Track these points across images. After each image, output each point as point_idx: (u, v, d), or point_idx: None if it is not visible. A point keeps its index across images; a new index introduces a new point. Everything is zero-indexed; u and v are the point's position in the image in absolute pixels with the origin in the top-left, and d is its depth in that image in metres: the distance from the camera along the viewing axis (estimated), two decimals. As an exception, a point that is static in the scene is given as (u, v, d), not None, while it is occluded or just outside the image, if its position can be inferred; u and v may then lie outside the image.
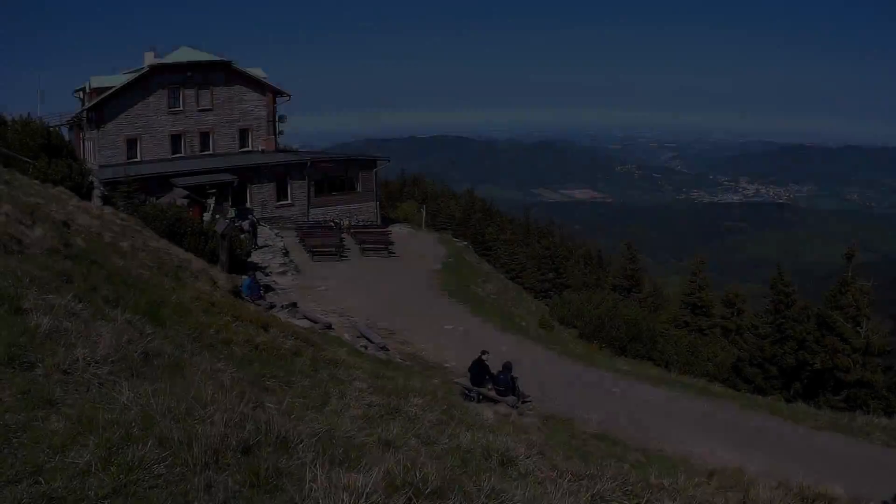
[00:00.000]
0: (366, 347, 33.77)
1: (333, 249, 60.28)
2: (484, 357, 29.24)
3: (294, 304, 40.56)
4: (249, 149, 76.64)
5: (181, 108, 72.70)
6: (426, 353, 36.38)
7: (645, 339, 56.05)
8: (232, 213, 62.40)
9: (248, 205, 70.74)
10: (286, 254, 57.38)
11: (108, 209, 35.81)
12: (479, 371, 28.90)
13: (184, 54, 74.65)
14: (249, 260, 49.15)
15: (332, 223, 73.87)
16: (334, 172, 78.05)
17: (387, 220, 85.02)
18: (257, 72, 77.31)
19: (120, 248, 22.53)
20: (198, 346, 12.84)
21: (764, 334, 52.91)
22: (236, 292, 32.58)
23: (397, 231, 74.88)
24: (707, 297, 69.80)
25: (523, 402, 28.38)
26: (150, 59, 73.04)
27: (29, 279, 10.35)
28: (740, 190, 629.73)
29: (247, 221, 59.77)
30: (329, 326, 36.39)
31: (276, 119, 77.77)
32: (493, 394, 28.03)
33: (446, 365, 34.30)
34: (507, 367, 28.66)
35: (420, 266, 59.58)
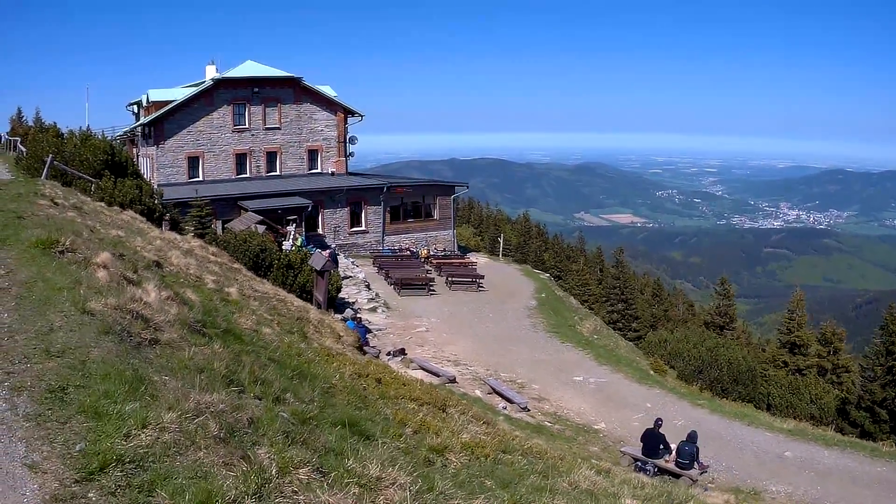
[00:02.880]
0: (505, 408, 30.23)
1: (422, 283, 55.93)
2: (659, 426, 26.58)
3: (403, 351, 36.39)
4: (319, 171, 71.87)
5: (247, 126, 67.98)
6: (569, 412, 32.76)
7: (746, 380, 52.01)
8: (300, 240, 57.30)
9: (319, 231, 66.45)
10: (369, 287, 53.11)
11: (195, 241, 30.64)
12: (654, 442, 26.30)
13: (249, 69, 69.62)
14: (339, 296, 44.24)
15: (409, 251, 69.82)
16: (410, 198, 72.81)
17: (463, 249, 79.80)
18: (327, 90, 72.24)
19: (228, 297, 19.52)
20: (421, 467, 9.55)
21: (873, 376, 50.36)
22: (360, 346, 28.06)
23: (475, 260, 71.16)
24: (805, 335, 64.79)
25: (702, 472, 26.09)
26: (211, 72, 68.67)
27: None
28: (781, 215, 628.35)
29: (328, 251, 54.54)
30: (452, 380, 32.78)
31: (347, 140, 72.48)
32: (671, 466, 25.71)
33: (596, 427, 31.32)
34: (692, 438, 25.98)
35: (514, 302, 55.44)
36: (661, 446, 26.26)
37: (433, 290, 55.72)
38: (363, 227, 70.00)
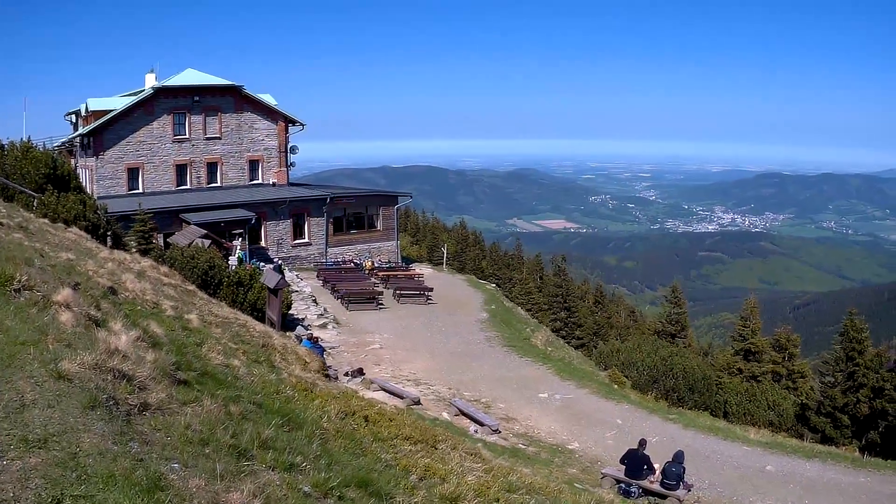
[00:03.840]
0: (476, 431, 28.95)
1: (371, 297, 54.67)
2: (643, 447, 25.65)
3: (361, 371, 34.82)
4: (260, 182, 69.99)
5: (187, 136, 65.96)
6: (540, 432, 31.58)
7: (701, 388, 52.03)
8: (240, 254, 55.68)
9: (262, 243, 64.89)
10: (316, 301, 51.72)
11: (146, 262, 29.13)
12: (637, 463, 25.41)
13: (189, 77, 67.56)
14: (288, 312, 42.81)
15: (353, 263, 68.47)
16: (353, 209, 71.41)
17: (406, 260, 78.75)
18: (268, 98, 70.41)
19: (189, 324, 18.37)
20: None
21: (833, 382, 51.54)
22: (325, 370, 27.18)
23: (420, 271, 69.99)
24: (760, 342, 63.84)
25: (687, 492, 25.50)
26: (151, 81, 66.59)
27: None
28: (716, 219, 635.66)
29: (272, 265, 53.26)
30: (417, 401, 31.35)
31: (288, 150, 70.83)
32: (657, 487, 25.02)
33: (570, 447, 30.18)
34: (679, 458, 25.25)
35: (465, 315, 54.38)
36: (646, 467, 25.44)
37: (382, 304, 54.31)
38: (306, 240, 68.49)
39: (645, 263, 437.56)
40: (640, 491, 25.19)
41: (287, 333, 32.88)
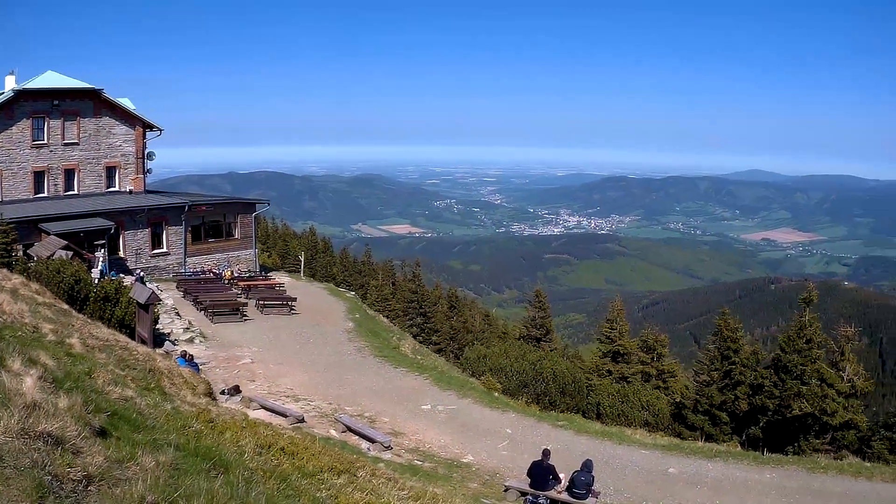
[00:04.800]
0: (369, 449, 28.02)
1: (235, 309, 53.09)
2: (547, 457, 25.13)
3: (237, 389, 33.05)
4: (117, 189, 66.59)
5: (45, 142, 62.37)
6: (431, 446, 30.79)
7: (573, 391, 51.83)
8: (101, 266, 53.03)
9: (121, 254, 61.96)
10: (179, 314, 49.53)
11: (16, 278, 27.35)
12: (542, 474, 24.85)
13: (49, 80, 63.96)
14: (155, 327, 40.43)
15: (212, 273, 66.45)
16: (211, 217, 69.08)
17: (265, 268, 76.88)
18: (126, 102, 67.49)
19: (72, 349, 17.17)
20: None
21: (709, 381, 51.82)
22: (210, 392, 25.67)
23: (280, 280, 68.59)
24: (628, 343, 64.30)
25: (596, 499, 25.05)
26: (11, 83, 63.30)
27: None
28: (561, 222, 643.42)
29: (134, 277, 51.23)
30: (301, 419, 30.15)
31: (145, 156, 68.34)
32: (565, 496, 24.56)
33: (465, 460, 29.49)
34: (588, 467, 24.81)
35: (331, 325, 53.08)
36: (551, 477, 24.85)
37: (246, 316, 52.68)
38: (165, 249, 65.82)
39: (491, 267, 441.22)
40: (549, 502, 24.71)
41: (157, 350, 31.12)
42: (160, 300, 44.49)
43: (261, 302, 55.82)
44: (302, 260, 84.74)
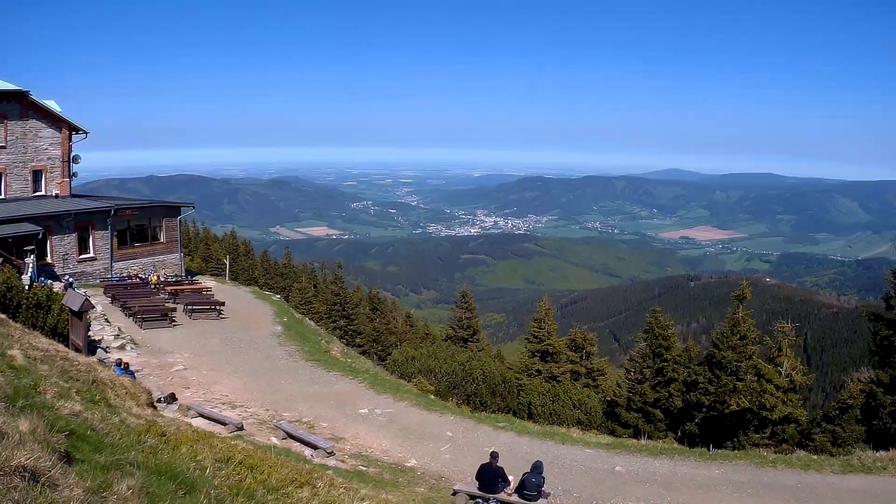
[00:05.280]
0: (312, 455, 27.31)
1: (164, 314, 52.01)
2: (496, 460, 24.90)
3: (174, 397, 32.10)
4: (43, 193, 65.02)
5: (-30, 145, 60.57)
6: (373, 451, 30.36)
7: (503, 391, 52.40)
8: (30, 271, 52.01)
9: (49, 259, 60.49)
10: (108, 320, 48.34)
11: None
12: (492, 477, 24.69)
13: (-25, 80, 62.90)
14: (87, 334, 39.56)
15: (138, 278, 65.26)
16: (136, 221, 67.72)
17: (190, 273, 75.96)
18: (52, 104, 66.09)
19: (14, 362, 16.94)
20: None
21: (642, 378, 52.48)
22: (152, 402, 25.08)
23: (207, 284, 67.65)
24: (556, 342, 64.79)
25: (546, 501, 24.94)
26: (-67, 84, 61.95)
27: None
28: (478, 222, 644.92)
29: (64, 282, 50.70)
30: (240, 427, 29.39)
31: (71, 159, 67.13)
32: (516, 499, 24.42)
33: (409, 465, 29.12)
34: (538, 468, 24.69)
35: (260, 329, 52.43)
36: (501, 480, 24.71)
37: (175, 321, 51.76)
38: (91, 254, 64.15)
39: (408, 268, 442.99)
40: None
41: (91, 359, 30.52)
42: (93, 307, 43.73)
43: (189, 307, 54.95)
44: (227, 264, 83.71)
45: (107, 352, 39.68)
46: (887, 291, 39.25)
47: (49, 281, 50.86)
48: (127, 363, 33.67)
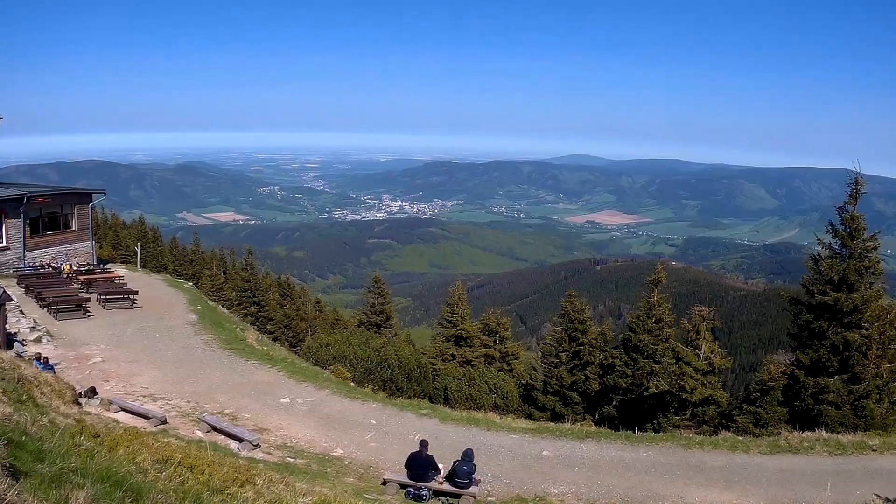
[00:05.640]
0: (238, 448, 27.10)
1: (78, 304, 50.67)
2: (425, 448, 25.15)
3: (94, 391, 31.33)
4: (-49, 180, 63.38)
5: None
6: (298, 441, 30.00)
7: (418, 376, 52.67)
8: None
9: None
10: (23, 312, 47.16)
11: None
12: (422, 465, 24.84)
13: None
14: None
15: (51, 267, 63.89)
16: (48, 208, 66.13)
17: (102, 261, 74.78)
18: (-39, 89, 64.71)
19: None
20: None
21: (558, 362, 52.87)
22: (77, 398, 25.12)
23: (119, 273, 66.44)
24: (470, 327, 64.09)
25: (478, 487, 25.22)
26: None
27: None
28: (384, 207, 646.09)
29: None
30: (164, 420, 29.05)
31: (-18, 146, 65.83)
32: (447, 486, 24.66)
33: (335, 454, 28.90)
34: (469, 456, 24.93)
35: (174, 318, 51.49)
36: (431, 468, 24.87)
37: (89, 311, 50.69)
38: (4, 244, 62.30)
39: (314, 253, 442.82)
40: (431, 493, 24.70)
41: (9, 352, 29.90)
42: (11, 299, 42.87)
43: (103, 297, 53.71)
44: (138, 251, 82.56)
45: (23, 345, 38.71)
46: (807, 277, 39.69)
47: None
48: (46, 357, 33.18)
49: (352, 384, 41.62)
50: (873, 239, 37.61)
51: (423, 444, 25.07)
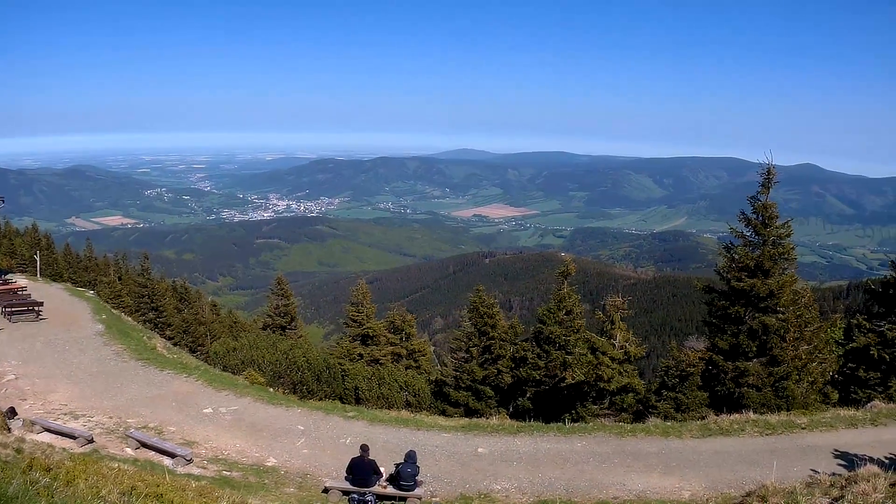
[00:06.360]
0: (172, 464, 26.50)
1: (-19, 320, 48.45)
2: (366, 453, 24.85)
3: (13, 411, 30.21)
4: None
5: None
6: (230, 453, 29.40)
7: (328, 378, 52.52)
8: None
9: None
10: (-78, 330, 45.29)
11: None
12: (365, 470, 24.58)
13: None
14: None
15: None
16: (-65, 216, 64.62)
17: (2, 271, 73.20)
18: None
19: None
20: None
21: (469, 357, 52.61)
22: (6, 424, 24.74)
23: (25, 285, 64.59)
24: (376, 325, 64.68)
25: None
26: None
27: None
28: (271, 206, 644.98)
29: None
30: (91, 440, 28.03)
31: None
32: (392, 490, 24.53)
33: (269, 464, 28.31)
34: (412, 458, 24.79)
35: (81, 329, 50.10)
36: (374, 473, 24.65)
37: (-4, 325, 48.62)
38: None
39: (203, 255, 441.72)
40: (376, 498, 24.32)
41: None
42: None
43: (7, 309, 52.22)
44: (38, 260, 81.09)
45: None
46: (722, 264, 40.30)
47: None
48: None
49: (270, 390, 41.01)
50: (786, 226, 38.61)
51: (364, 448, 24.77)
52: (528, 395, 50.12)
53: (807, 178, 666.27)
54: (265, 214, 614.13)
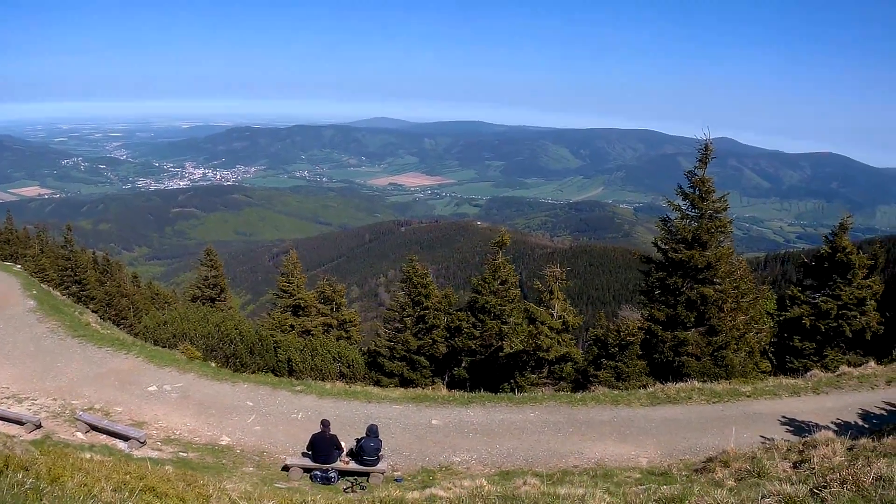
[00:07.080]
0: (126, 448, 26.10)
1: None
2: (327, 428, 24.92)
3: None
4: None
5: None
6: (181, 433, 28.80)
7: (261, 350, 51.72)
8: None
9: None
10: None
11: None
12: (327, 446, 24.59)
13: None
14: None
15: None
16: None
17: None
18: None
19: None
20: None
21: (403, 327, 52.63)
22: None
23: (-57, 262, 62.01)
24: (307, 296, 64.10)
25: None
26: None
27: None
28: (187, 175, 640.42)
29: None
30: (38, 425, 27.54)
31: None
32: (355, 465, 24.58)
33: (223, 443, 28.01)
34: (373, 431, 24.80)
35: (13, 306, 48.30)
36: (336, 448, 24.71)
37: (-78, 306, 47.33)
38: None
39: (119, 225, 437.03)
40: (338, 474, 24.46)
41: None
42: None
43: (-66, 289, 50.60)
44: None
45: None
46: (659, 236, 40.96)
47: None
48: None
49: (213, 364, 40.54)
50: (722, 200, 39.30)
51: (325, 423, 24.78)
52: (463, 365, 50.42)
53: (724, 152, 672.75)
54: (181, 183, 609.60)
